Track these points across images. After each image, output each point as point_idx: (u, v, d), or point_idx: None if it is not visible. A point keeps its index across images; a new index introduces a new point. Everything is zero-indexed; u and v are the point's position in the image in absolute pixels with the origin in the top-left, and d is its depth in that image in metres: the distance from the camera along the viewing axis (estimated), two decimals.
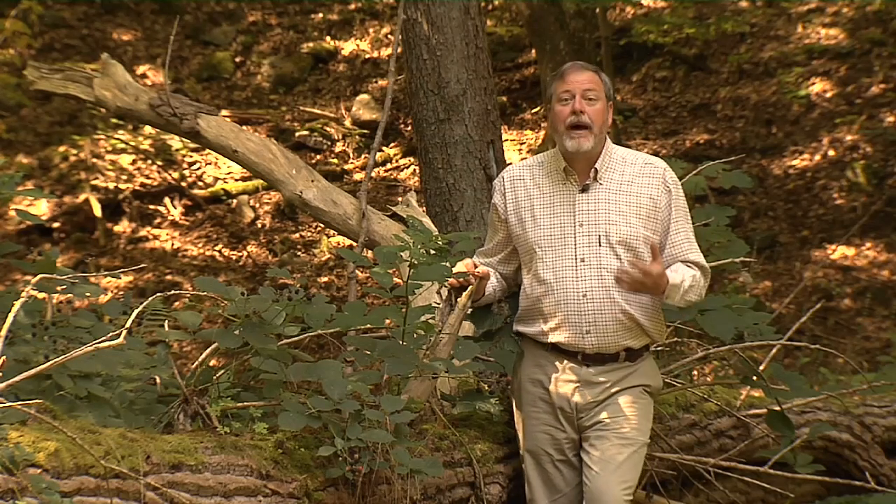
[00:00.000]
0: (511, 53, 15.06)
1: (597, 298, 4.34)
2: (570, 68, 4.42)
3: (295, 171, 6.07)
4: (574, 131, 4.34)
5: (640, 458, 4.40)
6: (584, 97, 4.34)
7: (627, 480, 4.34)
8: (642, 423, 4.41)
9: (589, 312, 4.35)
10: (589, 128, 4.33)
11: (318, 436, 4.19)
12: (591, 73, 4.41)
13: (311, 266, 12.32)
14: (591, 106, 4.34)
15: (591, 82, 4.37)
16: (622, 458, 4.34)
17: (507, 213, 4.50)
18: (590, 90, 4.35)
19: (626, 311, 4.35)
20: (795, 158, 13.18)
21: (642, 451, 4.42)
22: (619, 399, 4.40)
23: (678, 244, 4.43)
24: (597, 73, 4.43)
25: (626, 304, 4.35)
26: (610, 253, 4.34)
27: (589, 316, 4.35)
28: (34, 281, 4.07)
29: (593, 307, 4.35)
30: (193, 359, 6.44)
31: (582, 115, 4.32)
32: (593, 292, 4.34)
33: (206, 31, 15.52)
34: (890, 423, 6.01)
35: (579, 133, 4.33)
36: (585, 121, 4.33)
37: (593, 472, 4.34)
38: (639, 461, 4.40)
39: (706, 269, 4.49)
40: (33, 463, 3.52)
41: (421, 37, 6.24)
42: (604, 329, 4.36)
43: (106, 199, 13.01)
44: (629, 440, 4.36)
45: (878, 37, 14.12)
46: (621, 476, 4.33)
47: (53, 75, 6.39)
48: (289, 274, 4.77)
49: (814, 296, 11.30)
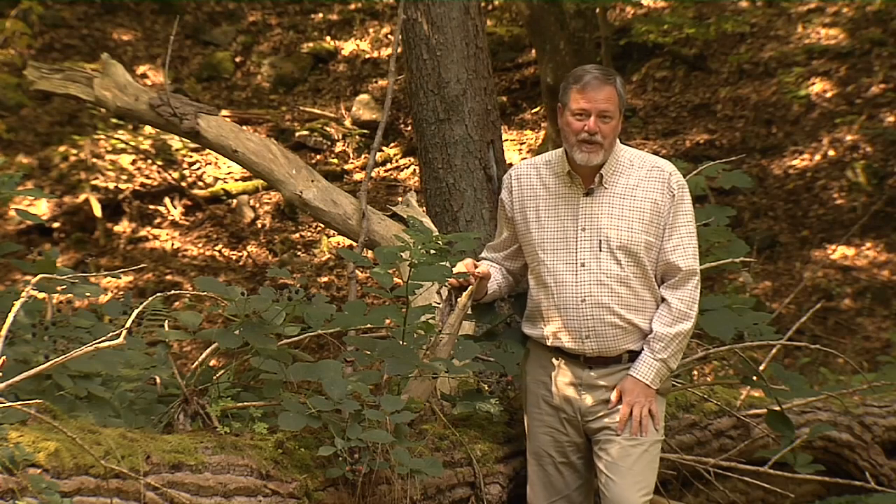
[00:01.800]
0: (511, 53, 15.06)
1: (595, 304, 4.33)
2: (591, 83, 4.30)
3: (295, 171, 6.07)
4: (585, 145, 4.31)
5: (652, 456, 4.38)
6: (599, 117, 4.29)
7: (642, 482, 4.33)
8: (650, 423, 4.38)
9: (588, 318, 4.34)
10: (600, 144, 4.31)
11: (318, 436, 4.19)
12: (610, 88, 4.30)
13: (311, 266, 12.32)
14: (606, 124, 4.30)
15: (609, 101, 4.29)
16: (633, 460, 4.33)
17: (514, 211, 4.51)
18: (606, 110, 4.29)
19: (623, 317, 4.34)
20: (795, 158, 13.18)
21: (655, 449, 4.39)
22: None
23: (667, 250, 4.35)
24: (614, 85, 4.33)
25: (623, 309, 4.33)
26: (610, 258, 4.33)
27: (588, 321, 4.35)
28: (34, 281, 4.07)
29: (592, 312, 4.34)
30: (193, 359, 6.44)
31: (596, 135, 4.30)
32: (592, 297, 4.33)
33: (206, 31, 15.51)
34: (890, 423, 6.02)
35: (590, 148, 4.31)
36: (598, 139, 4.30)
37: (609, 480, 4.32)
38: (652, 459, 4.38)
39: (690, 271, 4.37)
40: (33, 463, 3.52)
41: (421, 37, 6.24)
42: (603, 334, 4.35)
43: (106, 199, 13.01)
44: (638, 440, 4.34)
45: (878, 37, 14.11)
46: (635, 479, 4.32)
47: (53, 75, 6.39)
48: (289, 274, 4.77)
49: (814, 296, 11.30)
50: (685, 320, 4.35)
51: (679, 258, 4.35)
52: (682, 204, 4.38)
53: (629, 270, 4.33)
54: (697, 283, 4.40)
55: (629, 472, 4.32)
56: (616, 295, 4.33)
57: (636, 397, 4.32)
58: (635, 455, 4.33)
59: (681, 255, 4.36)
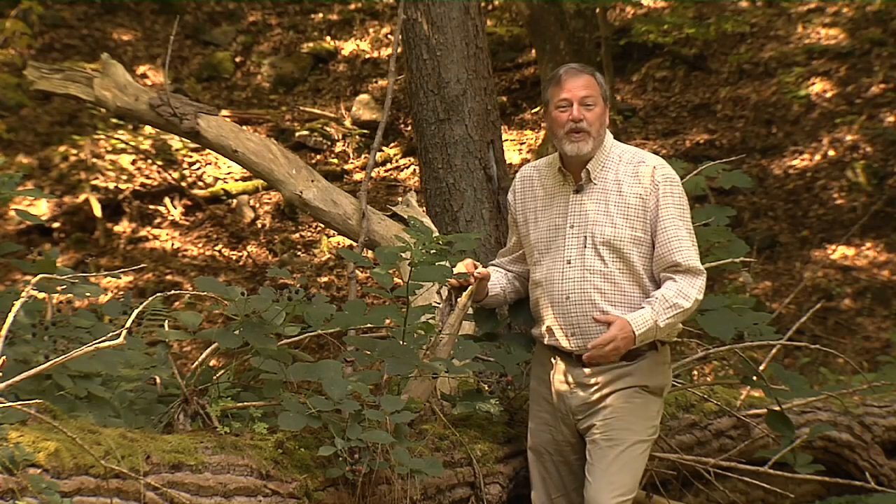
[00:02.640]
0: (511, 53, 15.06)
1: (580, 300, 4.34)
2: (566, 74, 4.39)
3: (295, 171, 6.07)
4: (573, 135, 4.34)
5: (631, 457, 4.32)
6: (581, 104, 4.33)
7: (616, 484, 4.28)
8: (632, 423, 4.34)
9: (573, 314, 4.35)
10: (588, 132, 4.33)
11: (318, 436, 4.19)
12: (588, 76, 4.38)
13: (311, 266, 12.32)
14: (589, 111, 4.34)
15: (588, 87, 4.35)
16: (608, 462, 4.29)
17: (516, 213, 4.55)
18: (587, 96, 4.34)
19: (608, 313, 4.32)
20: (795, 158, 13.18)
21: (635, 449, 4.33)
22: (609, 402, 4.35)
23: (664, 243, 4.33)
24: (592, 74, 4.40)
25: (608, 305, 4.32)
26: (594, 254, 4.33)
27: (573, 318, 4.35)
28: (34, 281, 4.07)
29: (576, 309, 4.34)
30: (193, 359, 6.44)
31: (581, 122, 4.33)
32: (576, 294, 4.34)
33: (206, 31, 15.51)
34: (890, 423, 6.01)
35: (578, 137, 4.34)
36: (584, 126, 4.33)
37: (586, 481, 4.32)
38: (630, 460, 4.32)
39: (694, 268, 4.36)
40: (33, 463, 3.52)
41: (421, 37, 6.24)
42: (588, 331, 4.34)
43: (106, 199, 13.01)
44: (615, 440, 4.31)
45: (878, 37, 14.11)
46: (609, 480, 4.28)
47: (53, 75, 6.39)
48: (289, 274, 4.77)
49: (814, 296, 11.30)
50: (685, 300, 4.30)
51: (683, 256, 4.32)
52: (669, 197, 4.35)
53: (613, 266, 4.33)
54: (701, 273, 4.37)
55: (604, 474, 4.29)
56: (599, 291, 4.32)
57: (619, 338, 4.25)
58: (611, 456, 4.30)
59: (683, 252, 4.33)
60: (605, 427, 4.33)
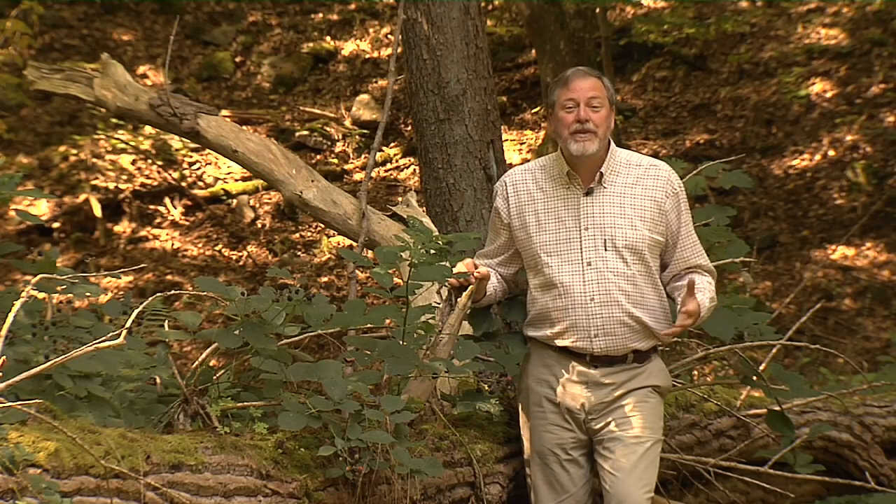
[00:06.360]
0: (511, 53, 15.06)
1: (604, 302, 4.36)
2: (574, 75, 4.41)
3: (295, 171, 6.07)
4: (579, 135, 4.35)
5: (654, 455, 4.41)
6: (588, 105, 4.35)
7: (645, 480, 4.36)
8: (652, 422, 4.42)
9: (596, 316, 4.37)
10: (594, 132, 4.35)
11: (318, 436, 4.19)
12: (595, 79, 4.41)
13: (311, 266, 12.32)
14: (596, 113, 4.36)
15: (595, 89, 4.37)
16: (637, 458, 4.35)
17: (511, 218, 4.51)
18: (594, 98, 4.36)
19: (632, 315, 4.37)
20: (795, 158, 13.18)
21: (656, 448, 4.42)
22: (627, 402, 4.40)
23: (688, 248, 4.47)
24: (600, 78, 4.43)
25: (632, 307, 4.37)
26: (616, 257, 4.36)
27: (597, 319, 4.37)
28: (34, 281, 4.06)
29: (601, 311, 4.36)
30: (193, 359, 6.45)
31: (587, 122, 4.34)
32: (600, 296, 4.36)
33: (206, 31, 15.52)
34: (890, 423, 6.01)
35: (584, 136, 4.35)
36: (590, 127, 4.35)
37: (613, 477, 4.35)
38: (654, 458, 4.41)
39: (713, 271, 4.53)
40: (33, 463, 3.52)
41: (421, 37, 6.24)
42: (612, 332, 4.37)
43: (106, 199, 13.01)
44: (641, 439, 4.37)
45: (878, 37, 14.12)
46: (639, 477, 4.34)
47: (54, 75, 6.39)
48: (289, 274, 4.77)
49: (814, 296, 11.30)
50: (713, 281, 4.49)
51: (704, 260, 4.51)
52: (684, 203, 4.48)
53: (635, 269, 4.37)
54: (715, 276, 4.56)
55: (634, 470, 4.34)
56: (624, 293, 4.36)
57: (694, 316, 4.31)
58: (639, 453, 4.36)
59: (703, 257, 4.51)
60: (628, 425, 4.38)
